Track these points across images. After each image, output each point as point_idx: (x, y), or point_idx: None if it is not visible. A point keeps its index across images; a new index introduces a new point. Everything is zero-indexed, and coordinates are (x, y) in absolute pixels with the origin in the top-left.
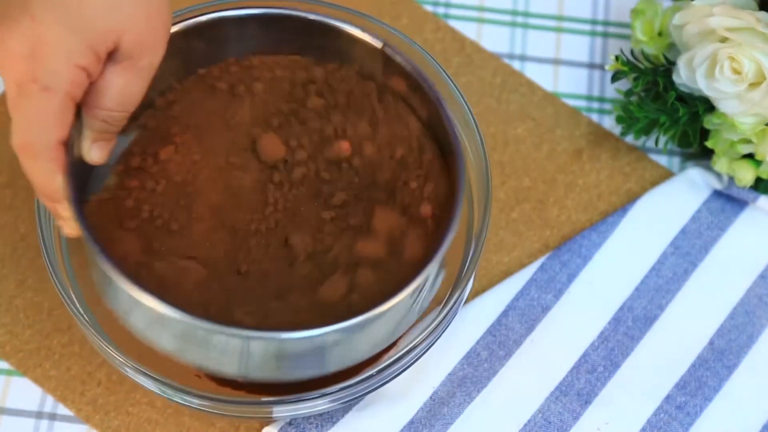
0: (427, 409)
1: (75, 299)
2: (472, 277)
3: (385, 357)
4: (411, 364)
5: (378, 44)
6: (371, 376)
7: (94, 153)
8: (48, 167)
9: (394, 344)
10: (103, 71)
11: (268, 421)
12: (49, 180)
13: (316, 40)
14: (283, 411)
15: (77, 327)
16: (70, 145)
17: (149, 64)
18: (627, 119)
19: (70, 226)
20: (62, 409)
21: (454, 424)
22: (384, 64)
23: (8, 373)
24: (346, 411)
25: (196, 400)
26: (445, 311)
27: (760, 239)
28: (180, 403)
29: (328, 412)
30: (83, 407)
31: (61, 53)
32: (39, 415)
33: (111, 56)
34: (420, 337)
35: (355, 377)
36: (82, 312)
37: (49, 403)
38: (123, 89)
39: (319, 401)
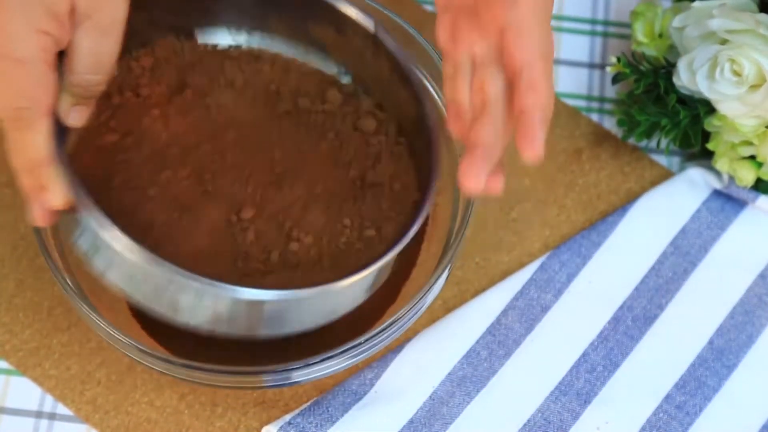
0: (426, 408)
1: (68, 280)
2: (453, 255)
3: (367, 331)
4: (392, 336)
5: (371, 28)
6: (356, 345)
7: (73, 117)
8: (37, 138)
9: (376, 319)
10: (73, 35)
11: (259, 391)
12: (37, 152)
13: (306, 16)
14: (273, 380)
15: (77, 326)
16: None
17: (111, 21)
18: (628, 122)
19: (56, 196)
20: (62, 409)
21: (453, 424)
22: (374, 48)
23: (8, 372)
24: (345, 410)
25: (186, 371)
26: (427, 287)
27: (760, 239)
28: (168, 373)
29: (328, 411)
30: (83, 406)
31: (22, 23)
32: (39, 414)
33: (74, 19)
34: (401, 311)
35: (338, 348)
36: (71, 285)
37: (49, 403)
38: (91, 51)
39: (304, 371)
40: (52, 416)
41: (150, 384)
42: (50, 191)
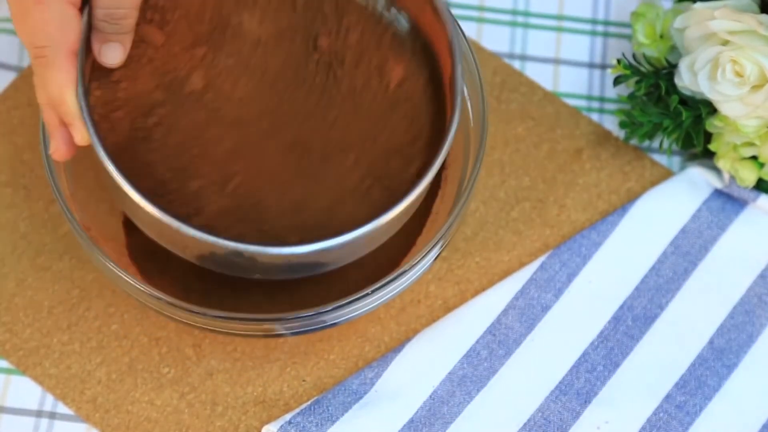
0: (426, 408)
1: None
2: (465, 202)
3: (378, 281)
4: (404, 287)
5: None
6: (364, 296)
7: (106, 55)
8: (57, 76)
9: (387, 271)
10: None
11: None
12: (58, 89)
13: None
14: (283, 328)
15: (77, 325)
16: (81, 53)
17: None
18: (630, 124)
19: (79, 133)
20: (62, 408)
21: (453, 423)
22: None
23: (8, 371)
24: (346, 409)
25: (199, 318)
26: (439, 234)
27: (760, 238)
28: (181, 321)
29: (328, 410)
30: (83, 405)
31: None
32: (39, 413)
33: None
34: (412, 261)
35: (348, 297)
36: (84, 235)
37: (49, 402)
38: None
39: (317, 318)
40: (53, 415)
41: (150, 383)
42: (74, 129)
